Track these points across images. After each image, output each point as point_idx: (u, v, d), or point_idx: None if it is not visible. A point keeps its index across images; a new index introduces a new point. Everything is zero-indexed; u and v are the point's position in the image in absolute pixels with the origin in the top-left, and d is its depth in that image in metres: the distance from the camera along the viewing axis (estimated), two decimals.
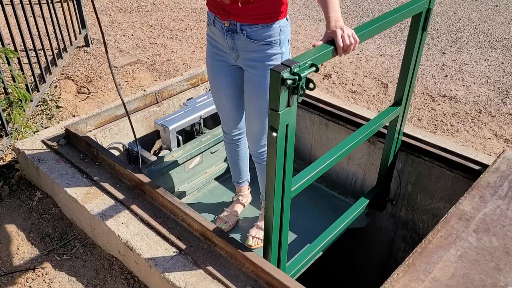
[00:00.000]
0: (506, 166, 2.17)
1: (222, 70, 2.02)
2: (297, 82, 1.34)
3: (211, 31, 1.95)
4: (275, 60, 1.86)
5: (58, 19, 3.74)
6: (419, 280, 1.59)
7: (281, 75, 1.30)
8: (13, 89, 2.79)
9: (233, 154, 2.38)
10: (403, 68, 2.16)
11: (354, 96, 4.17)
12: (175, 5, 6.17)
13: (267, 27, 1.80)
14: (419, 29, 2.01)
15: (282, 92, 1.34)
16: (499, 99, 4.13)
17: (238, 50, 1.89)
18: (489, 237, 1.78)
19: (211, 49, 2.02)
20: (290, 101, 1.40)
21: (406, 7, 1.83)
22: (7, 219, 2.20)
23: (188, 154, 2.69)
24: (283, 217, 1.70)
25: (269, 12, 1.78)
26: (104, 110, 2.62)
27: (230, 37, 1.86)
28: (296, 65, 1.34)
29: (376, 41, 5.32)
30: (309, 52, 1.43)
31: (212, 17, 1.90)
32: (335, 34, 1.48)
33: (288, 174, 1.60)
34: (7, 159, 2.65)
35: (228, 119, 2.22)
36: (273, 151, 1.48)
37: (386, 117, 2.15)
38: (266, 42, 1.83)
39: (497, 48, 5.18)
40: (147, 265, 1.77)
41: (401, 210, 2.80)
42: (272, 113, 1.39)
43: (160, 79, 4.09)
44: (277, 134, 1.42)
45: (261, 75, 1.89)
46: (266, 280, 1.65)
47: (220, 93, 2.10)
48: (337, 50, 1.48)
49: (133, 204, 2.02)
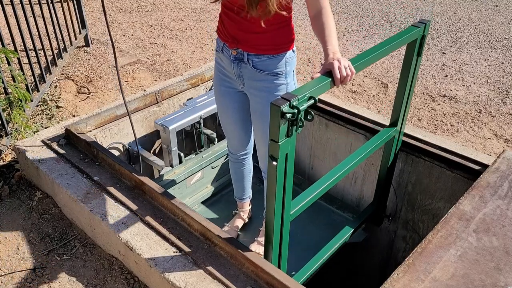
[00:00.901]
0: (506, 166, 2.17)
1: (230, 96, 2.05)
2: (296, 115, 1.40)
3: (219, 58, 1.98)
4: (280, 91, 1.89)
5: (58, 19, 3.75)
6: (419, 280, 1.59)
7: (280, 109, 1.36)
8: (13, 89, 2.79)
9: (237, 172, 2.41)
10: (399, 90, 2.21)
11: (354, 96, 4.17)
12: (175, 5, 6.17)
13: (273, 58, 1.83)
14: (414, 55, 2.07)
15: (282, 125, 1.40)
16: (499, 99, 4.13)
17: (244, 78, 1.92)
18: (489, 237, 1.78)
19: (218, 75, 2.05)
20: (289, 132, 1.46)
21: (402, 36, 1.92)
22: (7, 219, 2.20)
23: (190, 171, 2.74)
24: (283, 238, 1.78)
25: (276, 44, 1.80)
26: (104, 110, 2.62)
27: (237, 65, 1.89)
28: (295, 98, 1.39)
29: (376, 41, 5.32)
30: (307, 85, 1.48)
31: (221, 44, 1.93)
32: (333, 66, 1.52)
33: (288, 199, 1.68)
34: (7, 159, 2.65)
35: (235, 141, 2.26)
36: (273, 178, 1.56)
37: (382, 138, 2.21)
38: (272, 73, 1.86)
39: (497, 48, 5.18)
40: (147, 265, 1.77)
41: (401, 210, 2.80)
42: (272, 143, 1.46)
43: (160, 79, 4.09)
44: (277, 163, 1.49)
45: (266, 105, 1.91)
46: (266, 280, 1.65)
47: (228, 117, 2.14)
48: (335, 82, 1.53)
49: (133, 204, 2.02)
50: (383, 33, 5.56)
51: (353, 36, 5.49)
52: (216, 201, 2.99)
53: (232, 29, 1.82)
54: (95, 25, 5.18)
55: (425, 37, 2.04)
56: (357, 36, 5.47)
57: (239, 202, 2.60)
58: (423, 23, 1.99)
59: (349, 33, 5.58)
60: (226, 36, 1.86)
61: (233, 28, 1.81)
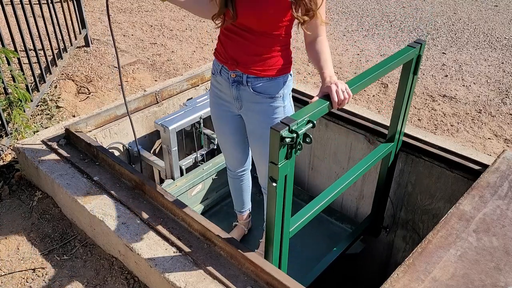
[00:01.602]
0: (506, 166, 2.17)
1: (226, 119, 2.07)
2: (295, 139, 1.44)
3: (216, 81, 1.99)
4: (278, 113, 1.91)
5: (58, 19, 3.75)
6: (419, 280, 1.59)
7: (280, 134, 1.40)
8: (13, 89, 2.79)
9: (236, 187, 2.44)
10: (395, 107, 2.25)
11: (354, 96, 4.17)
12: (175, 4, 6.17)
13: (272, 81, 1.85)
14: (411, 73, 2.10)
15: (281, 148, 1.44)
16: (499, 99, 4.13)
17: (242, 100, 1.94)
18: (489, 237, 1.78)
19: (215, 99, 2.06)
20: (288, 155, 1.50)
21: (398, 56, 1.97)
22: (7, 219, 2.20)
23: (191, 183, 2.77)
24: (282, 253, 1.82)
25: (275, 67, 1.83)
26: (104, 110, 2.62)
27: (236, 88, 1.90)
28: (294, 123, 1.44)
29: (376, 41, 5.32)
30: (306, 108, 1.52)
31: (219, 66, 1.93)
32: (330, 90, 1.57)
33: (287, 217, 1.72)
34: (7, 159, 2.65)
35: (233, 160, 2.29)
36: (273, 199, 1.61)
37: (379, 154, 2.25)
38: (270, 95, 1.88)
39: (497, 48, 5.18)
40: (147, 265, 1.77)
41: (401, 210, 2.80)
42: (272, 165, 1.50)
43: (160, 79, 4.09)
44: (277, 185, 1.54)
45: (264, 127, 1.93)
46: (266, 280, 1.65)
47: (225, 139, 2.17)
48: (333, 105, 1.58)
49: (133, 204, 2.02)
50: (383, 33, 5.57)
51: (353, 36, 5.49)
52: (216, 212, 3.01)
53: (232, 50, 1.83)
54: (95, 25, 5.18)
55: (421, 56, 2.08)
56: (357, 36, 5.47)
57: (239, 214, 2.63)
58: (419, 43, 2.04)
59: (349, 33, 5.58)
60: (225, 58, 1.87)
61: (234, 49, 1.83)
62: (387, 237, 2.95)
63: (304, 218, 1.88)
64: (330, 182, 3.11)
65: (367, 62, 4.77)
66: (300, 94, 2.94)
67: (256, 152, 2.08)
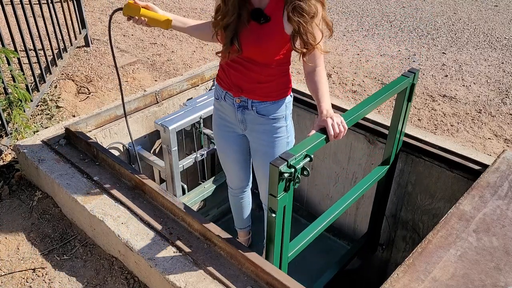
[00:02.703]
0: (506, 166, 2.17)
1: (230, 139, 2.14)
2: (293, 173, 1.52)
3: (221, 105, 2.05)
4: (280, 132, 2.01)
5: (58, 19, 3.74)
6: (419, 280, 1.59)
7: (279, 169, 1.48)
8: (13, 89, 2.79)
9: (237, 204, 2.49)
10: (390, 132, 2.32)
11: (354, 96, 4.17)
12: (175, 5, 6.17)
13: (275, 103, 1.94)
14: (405, 101, 2.17)
15: (280, 182, 1.53)
16: (499, 99, 4.13)
17: (246, 123, 2.01)
18: (489, 237, 1.78)
19: (219, 120, 2.12)
20: (287, 188, 1.59)
21: (392, 87, 2.05)
22: (7, 219, 2.20)
23: (193, 202, 2.83)
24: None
25: (277, 91, 1.92)
26: (104, 110, 2.62)
27: (241, 112, 1.98)
28: (292, 158, 1.52)
29: (376, 41, 5.32)
30: (303, 143, 1.60)
31: (222, 93, 2.00)
32: (327, 124, 1.66)
33: (285, 244, 1.81)
34: (7, 159, 2.65)
35: (235, 179, 2.34)
36: (272, 228, 1.69)
37: (375, 177, 2.32)
38: (274, 117, 1.97)
39: (497, 48, 5.18)
40: (147, 265, 1.77)
41: (401, 210, 2.80)
42: (271, 198, 1.58)
43: (160, 79, 4.09)
44: (276, 215, 1.62)
45: (268, 146, 2.03)
46: (266, 280, 1.65)
47: (228, 158, 2.23)
48: (329, 138, 1.66)
49: (133, 204, 2.02)
50: (383, 33, 5.57)
51: (353, 36, 5.49)
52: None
53: (236, 79, 1.90)
54: (95, 25, 5.18)
55: (414, 85, 2.14)
56: (357, 36, 5.47)
57: (239, 231, 2.67)
58: (412, 72, 2.10)
59: (349, 33, 5.58)
60: (229, 85, 1.94)
61: (237, 78, 1.90)
62: (382, 254, 3.04)
63: (303, 242, 1.97)
64: (330, 182, 3.11)
65: (367, 62, 4.77)
66: (300, 94, 2.94)
67: (259, 169, 2.15)
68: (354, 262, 2.85)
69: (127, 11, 1.87)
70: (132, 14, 1.87)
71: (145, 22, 1.88)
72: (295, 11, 1.65)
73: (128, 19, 1.91)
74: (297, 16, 1.66)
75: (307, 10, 1.65)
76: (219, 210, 3.13)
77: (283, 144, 2.02)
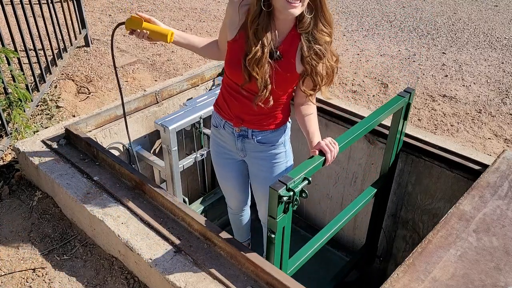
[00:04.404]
0: (506, 166, 2.17)
1: (229, 166, 2.16)
2: (292, 196, 1.57)
3: (219, 133, 2.06)
4: (280, 158, 2.04)
5: (58, 19, 3.74)
6: (419, 280, 1.59)
7: (278, 193, 1.53)
8: (13, 89, 2.79)
9: (236, 222, 2.52)
10: (387, 149, 2.36)
11: (354, 96, 4.17)
12: (175, 5, 6.17)
13: (275, 131, 1.97)
14: (401, 120, 2.21)
15: (279, 205, 1.57)
16: (499, 99, 4.13)
17: (246, 151, 2.03)
18: (489, 237, 1.78)
19: (218, 148, 2.13)
20: (286, 210, 1.63)
21: (388, 107, 2.09)
22: (7, 219, 2.20)
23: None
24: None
25: (277, 120, 1.95)
26: (104, 110, 2.62)
27: (241, 141, 1.99)
28: (291, 181, 1.56)
29: (376, 41, 5.32)
30: (302, 166, 1.65)
31: (222, 121, 2.00)
32: (323, 147, 1.72)
33: (285, 262, 1.86)
34: (7, 159, 2.65)
35: (235, 201, 2.37)
36: (271, 248, 1.74)
37: (367, 197, 2.37)
38: (273, 144, 2.00)
39: (497, 48, 5.18)
40: (147, 265, 1.77)
41: (401, 210, 2.80)
42: (271, 219, 1.63)
43: (160, 79, 4.09)
44: (275, 236, 1.67)
45: (267, 171, 2.06)
46: (266, 280, 1.65)
47: (228, 183, 2.26)
48: (325, 161, 1.73)
49: (133, 204, 2.02)
50: (383, 33, 5.57)
51: (353, 36, 5.49)
52: None
53: (237, 110, 1.91)
54: (95, 25, 5.18)
55: (410, 104, 2.17)
56: (357, 36, 5.47)
57: None
58: (408, 92, 2.13)
59: (349, 33, 5.58)
60: (230, 115, 1.95)
61: (239, 109, 1.90)
62: (380, 265, 3.05)
63: (301, 260, 2.02)
64: (330, 181, 3.11)
65: (367, 62, 4.77)
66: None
67: (258, 192, 2.18)
68: (352, 274, 2.88)
69: (130, 25, 1.89)
70: (134, 27, 1.88)
71: (147, 35, 1.87)
72: (313, 53, 1.67)
73: (131, 33, 1.91)
74: (314, 59, 1.68)
75: (324, 53, 1.68)
76: (220, 221, 3.19)
77: (282, 168, 2.05)
